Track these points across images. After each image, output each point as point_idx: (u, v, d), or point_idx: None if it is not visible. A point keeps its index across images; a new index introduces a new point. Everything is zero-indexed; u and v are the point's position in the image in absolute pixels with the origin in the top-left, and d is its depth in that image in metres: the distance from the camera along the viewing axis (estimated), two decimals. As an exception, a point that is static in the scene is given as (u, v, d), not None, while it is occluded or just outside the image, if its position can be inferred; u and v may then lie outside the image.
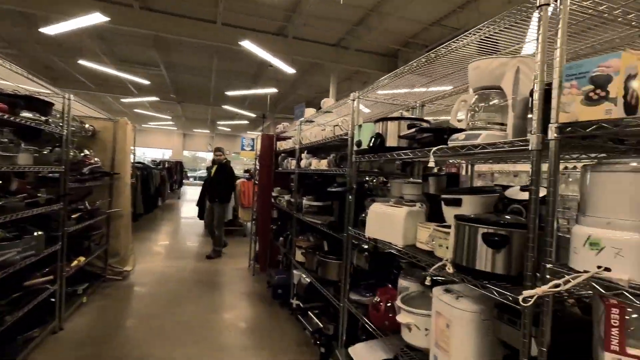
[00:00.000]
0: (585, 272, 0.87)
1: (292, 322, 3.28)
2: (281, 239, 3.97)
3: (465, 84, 2.02)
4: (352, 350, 2.03)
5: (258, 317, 3.43)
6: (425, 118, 1.89)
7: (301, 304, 3.17)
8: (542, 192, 1.37)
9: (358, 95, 2.25)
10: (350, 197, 2.22)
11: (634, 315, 0.81)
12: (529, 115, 1.06)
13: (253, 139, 14.20)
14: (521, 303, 0.95)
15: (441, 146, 1.40)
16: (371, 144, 1.89)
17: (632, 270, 0.80)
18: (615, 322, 0.81)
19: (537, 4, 1.01)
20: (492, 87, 1.31)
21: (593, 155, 1.38)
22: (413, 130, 1.61)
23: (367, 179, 2.80)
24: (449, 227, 1.49)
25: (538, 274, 0.99)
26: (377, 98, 2.36)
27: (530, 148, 1.01)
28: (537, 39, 1.00)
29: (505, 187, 1.60)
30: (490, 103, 1.32)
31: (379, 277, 2.23)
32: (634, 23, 1.07)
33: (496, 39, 1.38)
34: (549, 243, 0.97)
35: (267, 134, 4.92)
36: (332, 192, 2.40)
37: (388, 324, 1.82)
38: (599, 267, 0.86)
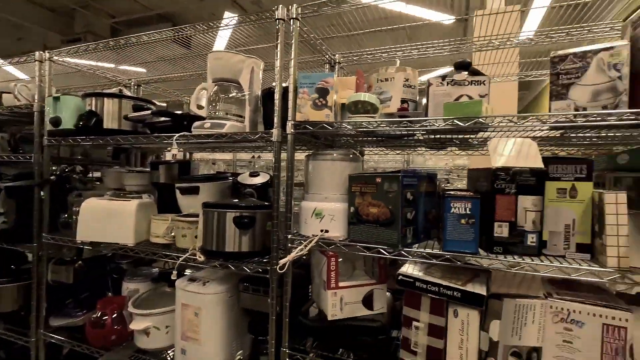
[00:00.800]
0: (314, 235, 1.15)
1: None
2: None
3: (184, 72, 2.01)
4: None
5: None
6: (153, 100, 1.71)
7: None
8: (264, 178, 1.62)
9: (49, 56, 1.68)
10: (43, 193, 1.65)
11: (340, 260, 1.18)
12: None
13: None
14: (278, 270, 1.12)
15: (185, 133, 1.34)
16: (82, 124, 1.49)
17: (341, 229, 1.16)
18: (332, 268, 1.15)
19: (277, 17, 1.18)
20: (231, 80, 1.41)
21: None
22: (148, 112, 1.43)
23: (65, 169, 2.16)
24: (190, 216, 1.47)
25: (282, 245, 1.20)
26: (77, 65, 1.87)
27: (273, 140, 1.19)
28: (276, 47, 1.19)
29: (234, 174, 1.76)
30: (230, 95, 1.41)
31: (93, 288, 1.83)
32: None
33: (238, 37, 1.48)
34: (289, 218, 1.19)
35: None
36: (9, 187, 1.67)
37: (116, 338, 1.55)
38: (322, 230, 1.16)
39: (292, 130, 1.17)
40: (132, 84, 2.12)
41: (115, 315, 1.56)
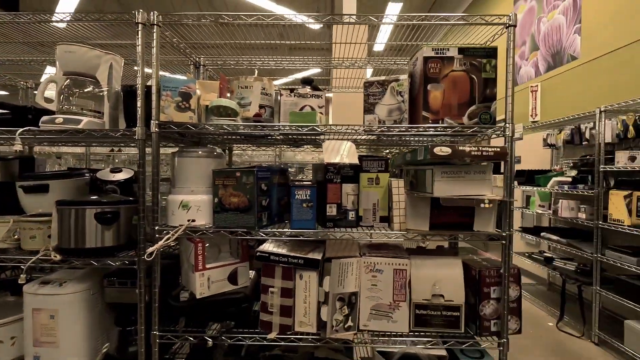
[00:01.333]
0: (181, 225, 1.28)
1: None
2: None
3: None
4: None
5: None
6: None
7: None
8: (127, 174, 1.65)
9: None
10: None
11: (207, 245, 1.33)
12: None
13: None
14: (146, 258, 1.20)
15: (31, 128, 1.26)
16: None
17: (207, 217, 1.31)
18: (200, 252, 1.30)
19: (137, 21, 1.24)
20: (86, 75, 1.38)
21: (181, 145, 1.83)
22: None
23: None
24: (40, 216, 1.38)
25: (140, 237, 1.28)
26: None
27: (136, 138, 1.26)
28: (137, 51, 1.25)
29: (92, 170, 1.69)
30: (86, 90, 1.38)
31: None
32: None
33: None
34: (156, 211, 1.28)
35: None
36: None
37: (-62, 363, 1.34)
38: (189, 220, 1.30)
39: (156, 130, 1.26)
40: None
41: None
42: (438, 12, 7.09)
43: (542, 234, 3.43)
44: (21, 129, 1.24)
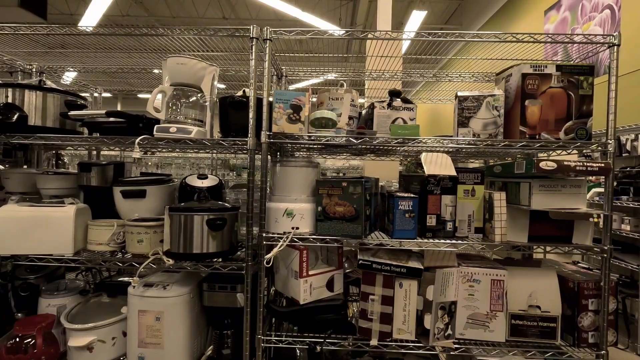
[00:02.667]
0: (288, 232, 1.32)
1: None
2: None
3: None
4: None
5: None
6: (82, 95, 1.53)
7: None
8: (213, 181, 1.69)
9: None
10: None
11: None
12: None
13: None
14: (265, 264, 1.24)
15: (146, 136, 1.31)
16: (-1, 119, 1.28)
17: (309, 226, 1.35)
18: (304, 259, 1.34)
19: (251, 36, 1.29)
20: (191, 86, 1.43)
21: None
22: (100, 112, 1.32)
23: None
24: (143, 220, 1.42)
25: (249, 243, 1.32)
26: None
27: (248, 148, 1.30)
28: (250, 65, 1.30)
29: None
30: (191, 100, 1.43)
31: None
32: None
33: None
34: (263, 218, 1.33)
35: None
36: None
37: (45, 361, 1.38)
38: (293, 227, 1.34)
39: (267, 140, 1.30)
40: (34, 70, 1.81)
41: (42, 336, 1.39)
42: (458, 22, 7.05)
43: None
44: (140, 137, 1.29)
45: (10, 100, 1.32)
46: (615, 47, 1.29)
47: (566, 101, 1.35)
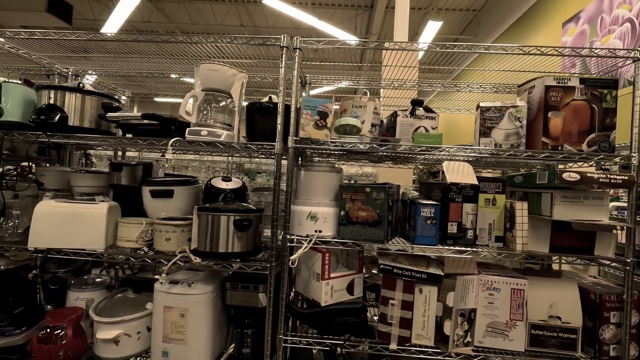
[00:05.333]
0: (311, 235, 1.35)
1: None
2: None
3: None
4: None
5: None
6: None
7: None
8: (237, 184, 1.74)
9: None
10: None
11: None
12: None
13: None
14: (290, 265, 1.28)
15: (179, 138, 1.37)
16: (42, 118, 1.35)
17: (332, 229, 1.39)
18: (326, 262, 1.37)
19: (281, 45, 1.35)
20: (221, 91, 1.49)
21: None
22: (135, 114, 1.39)
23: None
24: (171, 219, 1.48)
25: (273, 244, 1.36)
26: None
27: (275, 152, 1.35)
28: (280, 72, 1.35)
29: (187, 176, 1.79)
30: (220, 105, 1.49)
31: (20, 302, 1.60)
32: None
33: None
34: (287, 220, 1.37)
35: None
36: None
37: (73, 353, 1.43)
38: (316, 230, 1.37)
39: (293, 145, 1.35)
40: (70, 73, 1.90)
41: (72, 327, 1.44)
42: (474, 32, 7.04)
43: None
44: (173, 139, 1.34)
45: (52, 101, 1.39)
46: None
47: (589, 114, 1.37)
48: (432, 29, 5.78)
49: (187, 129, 1.39)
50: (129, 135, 1.48)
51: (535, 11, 5.27)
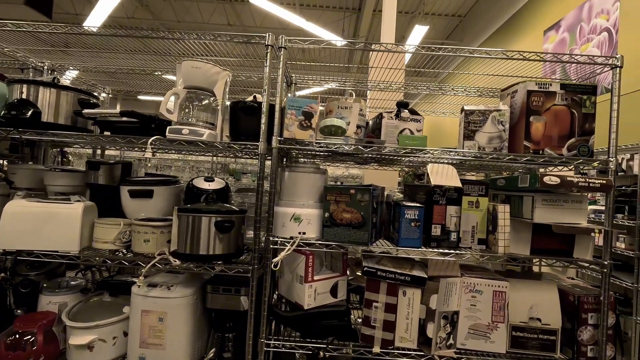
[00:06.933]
0: (295, 237, 1.33)
1: None
2: None
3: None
4: None
5: None
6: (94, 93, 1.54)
7: None
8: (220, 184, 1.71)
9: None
10: None
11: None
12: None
13: None
14: (272, 268, 1.25)
15: (159, 137, 1.33)
16: (13, 114, 1.29)
17: (315, 231, 1.37)
18: (310, 264, 1.35)
19: (267, 43, 1.32)
20: (205, 89, 1.45)
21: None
22: (113, 111, 1.34)
23: None
24: (150, 220, 1.43)
25: (256, 246, 1.34)
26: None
27: (259, 152, 1.32)
28: (265, 71, 1.33)
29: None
30: (203, 103, 1.46)
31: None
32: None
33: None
34: (271, 222, 1.34)
35: None
36: None
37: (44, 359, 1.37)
38: (299, 232, 1.35)
39: (277, 145, 1.33)
40: (46, 68, 1.83)
41: (43, 333, 1.38)
42: (459, 37, 7.18)
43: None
44: (152, 138, 1.30)
45: (24, 96, 1.33)
46: (618, 68, 1.34)
47: (569, 119, 1.40)
48: (419, 33, 5.84)
49: (168, 128, 1.35)
50: (107, 133, 1.43)
51: (518, 19, 5.39)
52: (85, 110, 1.36)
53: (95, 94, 1.60)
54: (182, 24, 8.06)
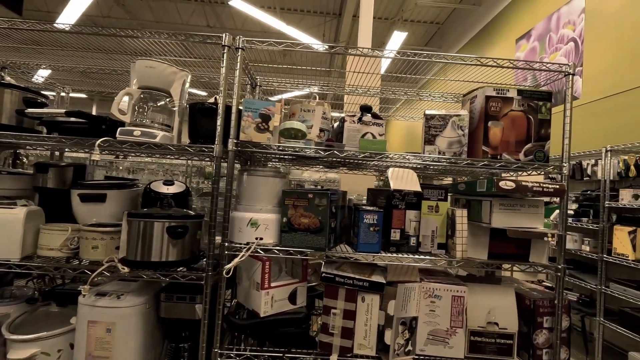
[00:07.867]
0: (252, 243, 1.29)
1: None
2: None
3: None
4: None
5: None
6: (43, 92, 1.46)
7: None
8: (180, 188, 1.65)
9: None
10: None
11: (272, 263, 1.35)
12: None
13: None
14: (224, 275, 1.21)
15: (108, 138, 1.27)
16: (-53, 113, 1.20)
17: (273, 236, 1.33)
18: (266, 270, 1.31)
19: (222, 44, 1.29)
20: (160, 90, 1.41)
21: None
22: (60, 111, 1.27)
23: None
24: (100, 225, 1.37)
25: (210, 252, 1.29)
26: None
27: (215, 155, 1.28)
28: (221, 72, 1.29)
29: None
30: (159, 104, 1.41)
31: None
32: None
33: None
34: (226, 227, 1.30)
35: None
36: None
37: (-20, 375, 1.28)
38: (257, 238, 1.32)
39: (233, 148, 1.29)
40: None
41: (-20, 347, 1.29)
42: (437, 44, 7.31)
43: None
44: (101, 139, 1.24)
45: (-38, 93, 1.25)
46: (571, 75, 1.36)
47: (526, 124, 1.42)
48: (397, 39, 5.92)
49: (119, 129, 1.29)
50: (54, 135, 1.36)
51: (492, 27, 5.53)
52: (29, 110, 1.28)
53: (52, 94, 1.52)
54: (160, 25, 7.92)
